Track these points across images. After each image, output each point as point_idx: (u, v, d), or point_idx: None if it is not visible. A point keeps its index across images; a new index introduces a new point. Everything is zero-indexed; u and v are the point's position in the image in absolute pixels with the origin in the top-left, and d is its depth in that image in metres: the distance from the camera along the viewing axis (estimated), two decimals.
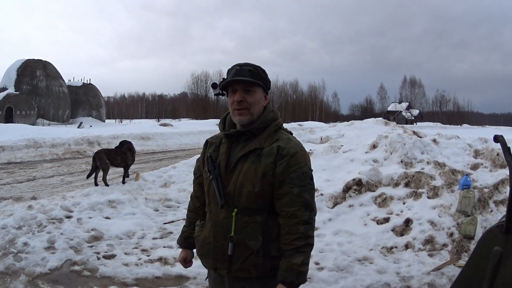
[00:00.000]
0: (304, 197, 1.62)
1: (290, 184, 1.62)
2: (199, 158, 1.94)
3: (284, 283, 1.58)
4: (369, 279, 3.72)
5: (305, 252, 1.60)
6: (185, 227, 1.98)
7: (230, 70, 1.75)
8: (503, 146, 1.51)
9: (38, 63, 44.45)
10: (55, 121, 42.50)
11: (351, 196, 5.68)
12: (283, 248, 1.62)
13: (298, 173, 1.63)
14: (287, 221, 1.61)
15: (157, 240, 4.82)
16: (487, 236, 1.48)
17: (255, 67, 1.75)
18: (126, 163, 7.22)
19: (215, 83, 1.88)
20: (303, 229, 1.59)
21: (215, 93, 1.91)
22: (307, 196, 1.63)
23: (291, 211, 1.60)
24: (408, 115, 68.60)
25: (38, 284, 3.57)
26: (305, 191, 1.63)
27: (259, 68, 1.76)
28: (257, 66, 1.76)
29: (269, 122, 1.74)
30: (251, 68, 1.72)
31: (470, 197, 4.71)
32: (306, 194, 1.63)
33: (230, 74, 1.73)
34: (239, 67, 1.72)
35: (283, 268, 1.59)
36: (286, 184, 1.62)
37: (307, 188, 1.64)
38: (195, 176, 1.97)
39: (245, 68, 1.71)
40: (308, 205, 1.62)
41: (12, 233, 4.51)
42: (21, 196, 6.96)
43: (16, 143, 13.41)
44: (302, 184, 1.63)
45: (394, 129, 8.35)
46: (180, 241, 1.97)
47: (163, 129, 22.93)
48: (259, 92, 1.74)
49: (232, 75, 1.71)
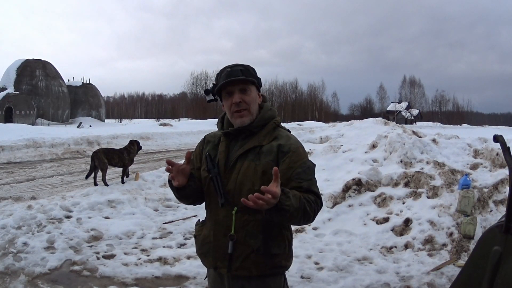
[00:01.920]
0: (313, 190, 1.62)
1: (298, 179, 1.61)
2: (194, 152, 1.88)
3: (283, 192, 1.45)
4: (368, 279, 3.72)
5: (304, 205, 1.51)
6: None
7: (220, 74, 1.73)
8: (503, 146, 1.51)
9: (38, 63, 44.44)
10: (54, 121, 42.49)
11: (350, 196, 5.69)
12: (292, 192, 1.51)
13: (304, 168, 1.64)
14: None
15: (157, 240, 4.82)
16: (487, 236, 1.48)
17: (245, 66, 1.74)
18: (123, 163, 7.23)
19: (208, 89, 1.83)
20: (313, 198, 1.58)
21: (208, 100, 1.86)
22: (315, 189, 1.64)
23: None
24: (408, 115, 68.62)
25: (38, 284, 3.57)
26: (312, 184, 1.64)
27: (249, 66, 1.76)
28: (246, 65, 1.75)
29: (267, 120, 1.74)
30: (242, 68, 1.71)
31: (470, 197, 4.71)
32: (314, 187, 1.64)
33: (222, 77, 1.70)
34: (230, 69, 1.70)
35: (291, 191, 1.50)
36: (294, 179, 1.61)
37: (314, 181, 1.65)
38: None
39: (237, 69, 1.70)
40: (317, 195, 1.62)
41: (12, 233, 4.51)
42: (21, 196, 6.96)
43: (16, 143, 13.40)
44: (309, 178, 1.63)
45: (394, 129, 8.35)
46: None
47: (162, 129, 22.94)
48: (254, 90, 1.74)
49: (225, 77, 1.68)
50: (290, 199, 1.46)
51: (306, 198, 1.55)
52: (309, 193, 1.59)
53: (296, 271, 3.80)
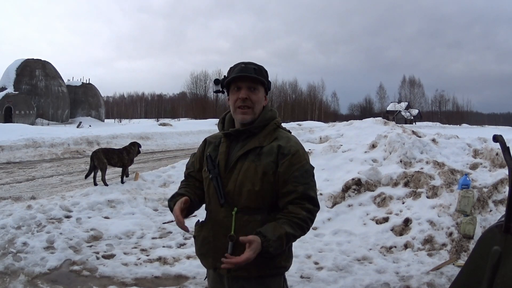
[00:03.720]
0: (309, 194, 1.63)
1: (294, 182, 1.62)
2: (195, 154, 1.91)
3: (260, 235, 1.52)
4: (368, 278, 3.72)
5: (296, 230, 1.57)
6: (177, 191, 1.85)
7: (233, 68, 1.74)
8: (502, 145, 1.51)
9: (37, 62, 44.40)
10: (54, 121, 42.47)
11: (350, 196, 5.69)
12: (278, 217, 1.60)
13: (302, 171, 1.64)
14: (291, 206, 1.61)
15: (156, 240, 4.82)
16: (486, 236, 1.48)
17: (259, 66, 1.75)
18: (122, 163, 7.24)
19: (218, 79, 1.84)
20: (305, 214, 1.60)
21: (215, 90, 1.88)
22: (312, 193, 1.64)
23: (296, 202, 1.62)
24: (407, 115, 68.66)
25: (38, 284, 3.57)
26: (309, 188, 1.64)
27: (263, 68, 1.77)
28: (260, 66, 1.77)
29: (267, 121, 1.75)
30: (255, 67, 1.73)
31: (469, 197, 4.71)
32: (311, 191, 1.64)
33: (235, 71, 1.71)
34: (244, 65, 1.71)
35: (270, 225, 1.56)
36: (291, 182, 1.62)
37: (311, 185, 1.65)
38: (187, 171, 1.91)
39: (250, 67, 1.71)
40: (313, 201, 1.64)
41: (11, 233, 4.50)
42: (20, 196, 6.95)
43: (15, 143, 13.40)
44: (306, 181, 1.64)
45: (393, 129, 8.35)
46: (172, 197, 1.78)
47: (162, 129, 22.92)
48: (262, 91, 1.75)
49: (237, 72, 1.69)
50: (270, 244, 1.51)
51: (292, 224, 1.56)
52: (303, 199, 1.61)
53: (296, 271, 3.80)
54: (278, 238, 1.53)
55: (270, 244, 1.51)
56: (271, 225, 1.56)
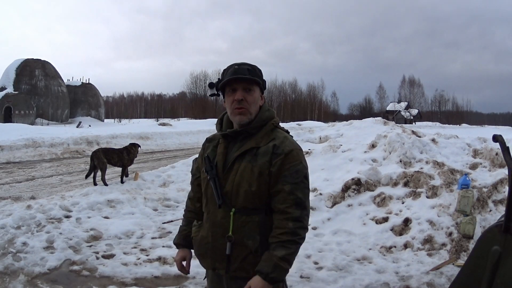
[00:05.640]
0: (296, 195, 1.61)
1: (283, 181, 1.62)
2: (197, 159, 1.92)
3: (258, 272, 1.56)
4: (368, 278, 3.72)
5: (289, 248, 1.57)
6: (183, 226, 1.94)
7: (227, 70, 1.74)
8: (502, 145, 1.51)
9: (37, 62, 44.35)
10: (54, 121, 42.44)
11: (350, 196, 5.69)
12: (269, 241, 1.60)
13: (292, 171, 1.63)
14: (278, 217, 1.61)
15: (156, 239, 4.82)
16: (486, 236, 1.48)
17: (253, 66, 1.75)
18: (122, 163, 7.24)
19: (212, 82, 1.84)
20: (292, 225, 1.58)
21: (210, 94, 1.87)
22: (299, 194, 1.62)
23: (282, 208, 1.60)
24: (407, 115, 68.69)
25: (37, 284, 3.57)
26: (297, 189, 1.62)
27: (256, 67, 1.76)
28: (254, 65, 1.76)
29: (265, 121, 1.74)
30: (249, 67, 1.72)
31: (469, 197, 4.71)
32: (298, 192, 1.62)
33: (228, 73, 1.71)
34: (237, 66, 1.71)
35: (263, 258, 1.58)
36: (280, 181, 1.62)
37: (300, 186, 1.63)
38: (193, 177, 1.94)
39: (244, 67, 1.70)
40: (299, 203, 1.61)
41: (11, 233, 4.50)
42: (20, 195, 6.95)
43: (15, 143, 13.39)
44: (294, 181, 1.62)
45: (393, 129, 8.35)
46: (178, 240, 1.91)
47: (162, 129, 22.91)
48: (257, 91, 1.74)
49: (231, 74, 1.69)
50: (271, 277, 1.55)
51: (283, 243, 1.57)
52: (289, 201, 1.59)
53: (296, 271, 3.80)
54: (275, 267, 1.55)
55: (271, 277, 1.54)
56: (264, 258, 1.58)
